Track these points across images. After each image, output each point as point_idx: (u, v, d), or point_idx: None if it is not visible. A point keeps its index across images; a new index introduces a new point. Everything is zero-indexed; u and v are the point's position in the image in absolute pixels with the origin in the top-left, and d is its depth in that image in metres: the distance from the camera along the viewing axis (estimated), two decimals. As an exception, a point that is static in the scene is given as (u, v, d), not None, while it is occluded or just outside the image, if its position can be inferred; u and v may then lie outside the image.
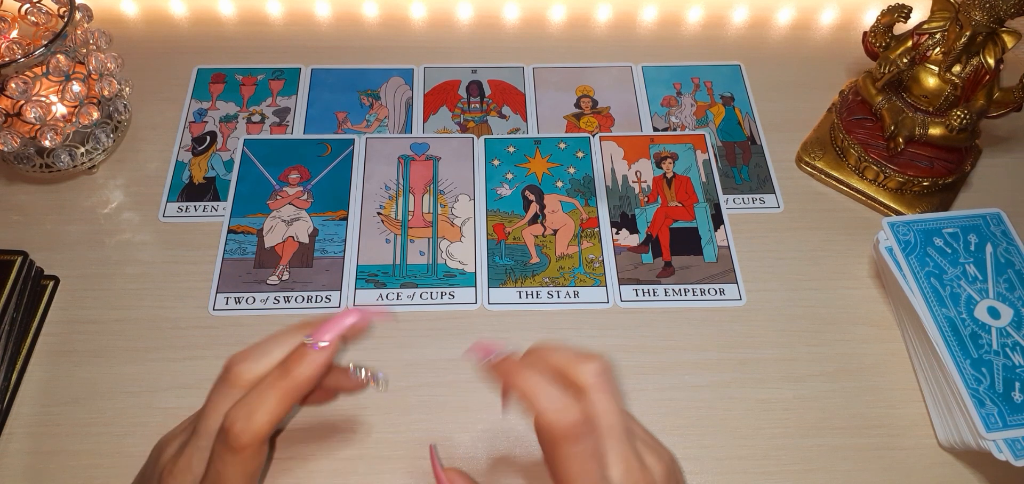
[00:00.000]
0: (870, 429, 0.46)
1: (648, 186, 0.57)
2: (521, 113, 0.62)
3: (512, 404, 0.33)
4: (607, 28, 0.68)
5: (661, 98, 0.63)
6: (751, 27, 0.69)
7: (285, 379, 0.31)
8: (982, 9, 0.48)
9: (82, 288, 0.51)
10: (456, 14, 0.69)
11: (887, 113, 0.53)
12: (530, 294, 0.51)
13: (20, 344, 0.47)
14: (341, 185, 0.56)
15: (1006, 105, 0.52)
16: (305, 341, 0.32)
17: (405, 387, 0.47)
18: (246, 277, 0.51)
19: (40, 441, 0.44)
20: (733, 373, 0.48)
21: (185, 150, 0.58)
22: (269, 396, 0.31)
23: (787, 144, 0.60)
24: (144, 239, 0.53)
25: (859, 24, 0.69)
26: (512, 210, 0.55)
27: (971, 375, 0.42)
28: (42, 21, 0.52)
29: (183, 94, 0.62)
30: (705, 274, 0.52)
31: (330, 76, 0.64)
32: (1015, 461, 0.39)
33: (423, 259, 0.53)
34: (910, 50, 0.53)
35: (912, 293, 0.45)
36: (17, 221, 0.54)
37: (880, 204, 0.56)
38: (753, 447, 0.45)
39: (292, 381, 0.31)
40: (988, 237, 0.48)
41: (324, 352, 0.32)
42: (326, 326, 0.32)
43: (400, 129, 0.60)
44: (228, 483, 0.31)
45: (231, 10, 0.69)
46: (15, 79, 0.48)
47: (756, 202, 0.56)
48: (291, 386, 0.31)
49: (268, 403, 0.31)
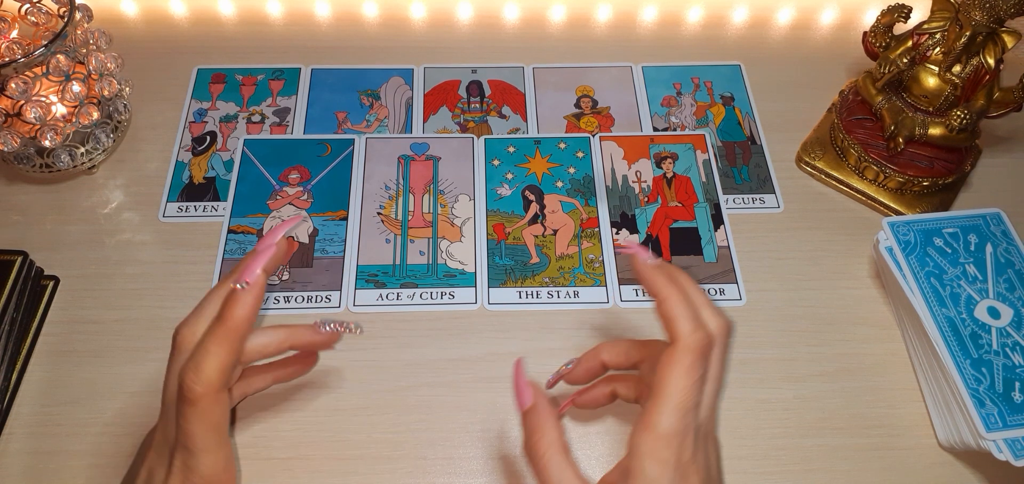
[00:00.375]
0: (870, 429, 0.46)
1: (648, 186, 0.57)
2: (521, 113, 0.62)
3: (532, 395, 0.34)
4: (607, 28, 0.68)
5: (661, 98, 0.63)
6: (751, 27, 0.69)
7: (223, 324, 0.33)
8: (982, 9, 0.48)
9: (82, 288, 0.51)
10: (456, 14, 0.69)
11: (887, 113, 0.53)
12: (530, 294, 0.51)
13: (20, 344, 0.47)
14: (341, 185, 0.56)
15: (1006, 105, 0.52)
16: (234, 286, 0.33)
17: (405, 387, 0.47)
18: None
19: (40, 441, 0.44)
20: (733, 373, 0.48)
21: (185, 150, 0.58)
22: (211, 344, 0.33)
23: (787, 144, 0.60)
24: (144, 239, 0.53)
25: (859, 24, 0.69)
26: (512, 210, 0.55)
27: (971, 375, 0.42)
28: (42, 21, 0.52)
29: (183, 94, 0.62)
30: (705, 274, 0.52)
31: (330, 76, 0.64)
32: (1015, 461, 0.39)
33: (423, 259, 0.53)
34: (910, 50, 0.53)
35: (912, 293, 0.45)
36: (17, 221, 0.54)
37: (880, 204, 0.56)
38: (753, 447, 0.45)
39: (230, 325, 0.33)
40: (988, 237, 0.48)
41: (252, 289, 0.33)
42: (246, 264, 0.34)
43: (400, 129, 0.60)
44: (193, 437, 0.32)
45: (231, 10, 0.69)
46: (15, 79, 0.48)
47: (756, 202, 0.56)
48: (229, 329, 0.33)
49: (211, 350, 0.32)
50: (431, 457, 0.44)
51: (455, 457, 0.44)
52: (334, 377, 0.47)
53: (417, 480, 0.43)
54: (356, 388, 0.47)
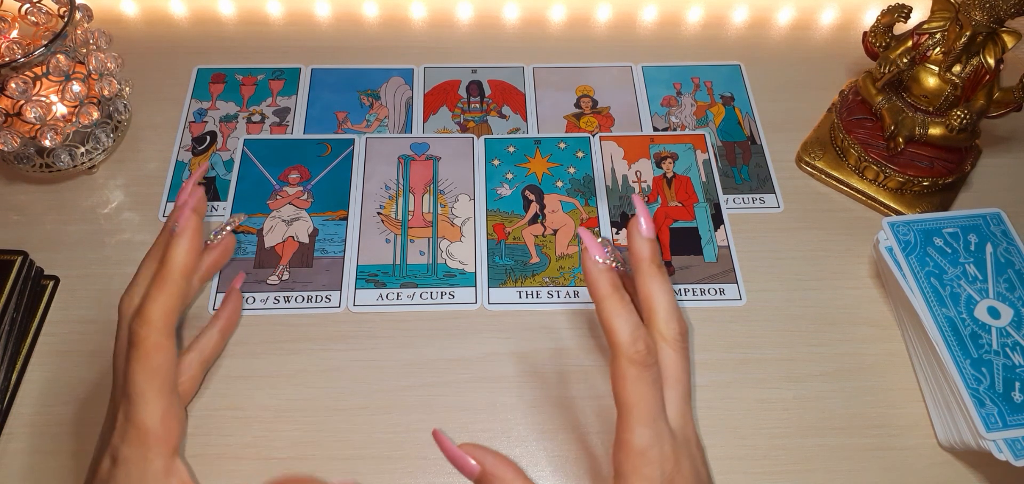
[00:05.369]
0: (870, 429, 0.46)
1: (648, 186, 0.57)
2: (521, 113, 0.62)
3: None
4: (607, 28, 0.68)
5: (661, 98, 0.63)
6: (751, 27, 0.69)
7: (163, 268, 0.34)
8: (982, 9, 0.48)
9: (82, 288, 0.51)
10: (456, 14, 0.69)
11: (887, 113, 0.53)
12: (530, 294, 0.51)
13: (20, 344, 0.47)
14: (341, 185, 0.56)
15: (1006, 105, 0.52)
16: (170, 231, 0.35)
17: (405, 387, 0.47)
18: (246, 277, 0.51)
19: (40, 441, 0.44)
20: (733, 373, 0.48)
21: (185, 150, 0.58)
22: (153, 289, 0.34)
23: (787, 144, 0.60)
24: (144, 239, 0.53)
25: (859, 24, 0.69)
26: (512, 210, 0.55)
27: (971, 375, 0.42)
28: (42, 21, 0.52)
29: (183, 94, 0.62)
30: (705, 274, 0.52)
31: (330, 76, 0.64)
32: (1015, 461, 0.39)
33: (423, 259, 0.53)
34: (910, 50, 0.53)
35: (912, 293, 0.45)
36: (17, 221, 0.54)
37: (880, 204, 0.56)
38: (753, 447, 0.45)
39: (169, 267, 0.34)
40: (988, 237, 0.48)
41: (185, 231, 0.35)
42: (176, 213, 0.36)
43: (400, 129, 0.60)
44: (134, 382, 0.33)
45: (231, 10, 0.69)
46: (15, 79, 0.48)
47: (756, 202, 0.56)
48: (169, 271, 0.34)
49: (153, 294, 0.34)
50: (431, 457, 0.44)
51: (455, 457, 0.44)
52: (334, 377, 0.47)
53: (417, 480, 0.43)
54: (356, 388, 0.47)
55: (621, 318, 0.32)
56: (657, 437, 0.31)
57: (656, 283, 0.35)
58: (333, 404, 0.46)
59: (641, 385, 0.31)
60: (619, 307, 0.32)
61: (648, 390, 0.31)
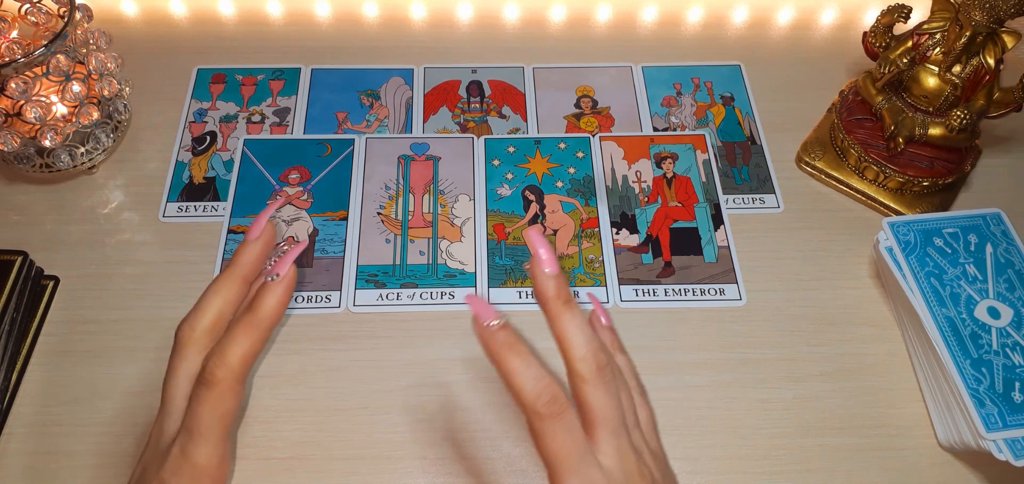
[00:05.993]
0: (870, 429, 0.46)
1: (648, 186, 0.57)
2: (521, 113, 0.62)
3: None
4: (607, 28, 0.68)
5: (661, 98, 0.63)
6: (751, 27, 0.69)
7: (253, 314, 0.33)
8: (982, 9, 0.48)
9: (82, 288, 0.51)
10: (456, 14, 0.69)
11: (887, 113, 0.53)
12: (530, 294, 0.51)
13: (20, 344, 0.47)
14: (341, 185, 0.56)
15: (1006, 105, 0.52)
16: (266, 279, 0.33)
17: (405, 387, 0.47)
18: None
19: (40, 441, 0.44)
20: (733, 373, 0.48)
21: (185, 150, 0.58)
22: (239, 332, 0.32)
23: (787, 144, 0.60)
24: (144, 239, 0.53)
25: (859, 24, 0.69)
26: (512, 210, 0.55)
27: (971, 375, 0.42)
28: (42, 21, 0.52)
29: (183, 94, 0.62)
30: (705, 274, 0.52)
31: (330, 76, 0.64)
32: (1015, 461, 0.39)
33: (423, 259, 0.53)
34: (910, 50, 0.53)
35: (912, 293, 0.45)
36: (17, 221, 0.54)
37: (880, 204, 0.56)
38: (753, 447, 0.45)
39: (259, 315, 0.33)
40: (988, 237, 0.48)
41: (283, 281, 0.33)
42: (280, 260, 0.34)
43: (400, 129, 0.60)
44: (200, 421, 0.32)
45: (231, 10, 0.69)
46: (15, 79, 0.48)
47: (756, 202, 0.56)
48: (259, 319, 0.33)
49: (238, 338, 0.32)
50: (431, 457, 0.44)
51: (455, 457, 0.44)
52: (334, 377, 0.47)
53: (417, 480, 0.43)
54: (356, 388, 0.47)
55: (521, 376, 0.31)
56: (624, 445, 0.31)
57: (565, 320, 0.33)
58: (333, 404, 0.46)
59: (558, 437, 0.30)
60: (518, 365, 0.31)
61: (565, 439, 0.30)
